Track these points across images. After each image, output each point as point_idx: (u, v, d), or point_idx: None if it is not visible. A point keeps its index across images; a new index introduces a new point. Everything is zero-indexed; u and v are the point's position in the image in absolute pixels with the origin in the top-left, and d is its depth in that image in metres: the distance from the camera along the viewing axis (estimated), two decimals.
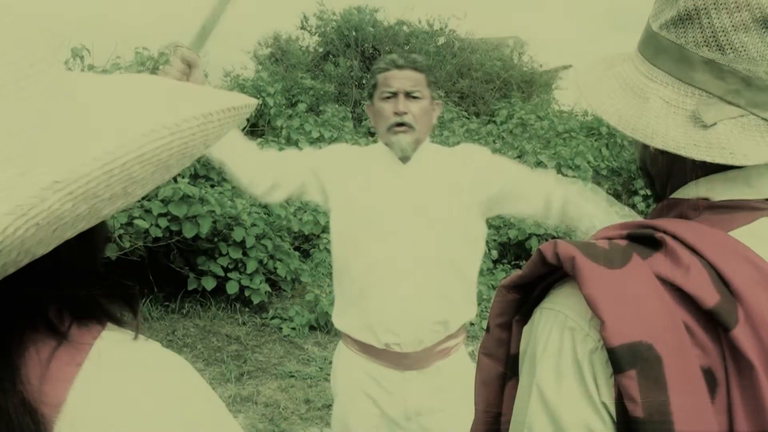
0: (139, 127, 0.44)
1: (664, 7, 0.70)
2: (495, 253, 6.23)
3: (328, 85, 9.38)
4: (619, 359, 0.56)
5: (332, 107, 7.82)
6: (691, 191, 0.71)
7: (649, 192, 6.02)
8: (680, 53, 0.67)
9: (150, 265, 4.52)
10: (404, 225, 1.72)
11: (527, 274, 0.69)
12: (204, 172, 5.38)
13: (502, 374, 0.74)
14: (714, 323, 0.58)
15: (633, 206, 7.07)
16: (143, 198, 4.08)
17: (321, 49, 12.26)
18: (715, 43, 0.65)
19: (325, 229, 5.22)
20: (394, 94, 1.76)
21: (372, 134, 7.56)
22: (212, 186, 5.27)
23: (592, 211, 1.68)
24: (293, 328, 4.62)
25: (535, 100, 10.76)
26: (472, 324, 5.04)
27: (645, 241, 0.65)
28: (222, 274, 4.59)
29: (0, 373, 0.44)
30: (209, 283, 4.55)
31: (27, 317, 0.47)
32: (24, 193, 0.38)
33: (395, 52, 1.88)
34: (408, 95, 1.75)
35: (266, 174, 1.80)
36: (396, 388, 1.77)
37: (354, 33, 11.72)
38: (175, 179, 4.36)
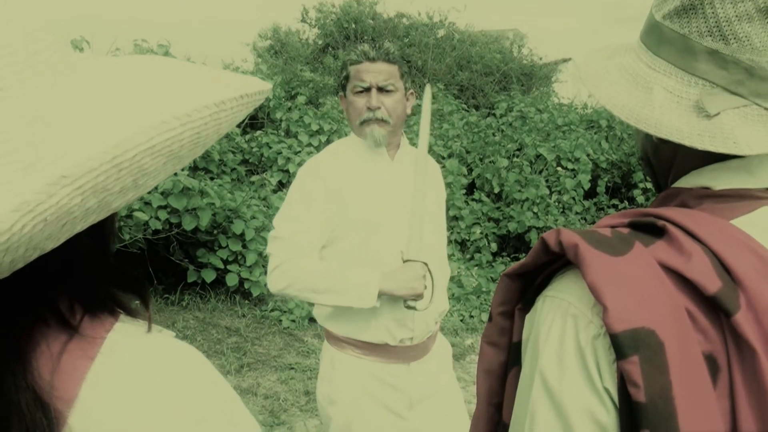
0: (149, 118, 0.43)
1: None
2: (494, 246, 6.23)
3: (327, 78, 9.34)
4: (621, 345, 0.56)
5: (332, 100, 7.79)
6: (693, 180, 0.71)
7: (648, 185, 5.99)
8: (683, 43, 0.67)
9: (150, 258, 4.52)
10: (405, 223, 1.74)
11: (530, 262, 0.69)
12: (204, 165, 5.38)
13: (504, 363, 0.75)
14: (716, 309, 0.58)
15: (632, 199, 7.07)
16: None
17: (320, 42, 12.23)
18: (718, 33, 0.65)
19: None
20: (367, 89, 1.74)
21: None
22: (212, 178, 5.26)
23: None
24: (293, 321, 4.62)
25: (534, 93, 10.75)
26: (471, 316, 5.06)
27: (647, 229, 0.65)
28: (222, 266, 4.58)
29: (12, 369, 0.43)
30: (209, 276, 4.55)
31: (37, 311, 0.46)
32: (30, 189, 0.37)
33: (366, 43, 1.83)
34: (381, 90, 1.73)
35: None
36: (402, 381, 1.80)
37: (353, 25, 11.69)
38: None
